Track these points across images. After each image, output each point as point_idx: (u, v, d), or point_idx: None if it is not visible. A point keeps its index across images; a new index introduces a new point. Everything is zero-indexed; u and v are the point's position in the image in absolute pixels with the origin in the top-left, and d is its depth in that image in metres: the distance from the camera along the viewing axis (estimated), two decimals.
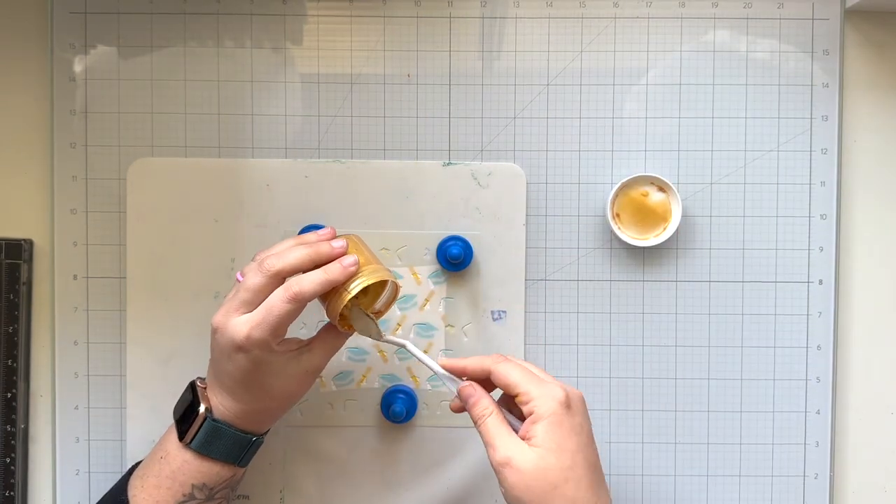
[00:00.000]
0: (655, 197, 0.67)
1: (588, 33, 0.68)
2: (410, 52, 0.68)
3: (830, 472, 0.68)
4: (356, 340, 0.68)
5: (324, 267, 0.57)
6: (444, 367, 0.58)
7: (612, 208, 0.67)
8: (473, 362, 0.57)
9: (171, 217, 0.67)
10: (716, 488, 0.69)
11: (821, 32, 0.68)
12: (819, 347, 0.68)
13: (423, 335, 0.68)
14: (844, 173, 0.69)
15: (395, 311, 0.68)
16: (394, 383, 0.68)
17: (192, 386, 0.60)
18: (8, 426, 0.67)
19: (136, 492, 0.59)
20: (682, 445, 0.69)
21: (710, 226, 0.68)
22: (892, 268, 0.69)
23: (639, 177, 0.67)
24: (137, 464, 0.62)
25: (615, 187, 0.66)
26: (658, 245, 0.67)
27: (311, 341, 0.60)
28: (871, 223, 0.69)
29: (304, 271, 0.57)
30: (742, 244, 0.68)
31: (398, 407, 0.65)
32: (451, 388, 0.58)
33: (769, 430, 0.68)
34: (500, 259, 0.68)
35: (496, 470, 0.53)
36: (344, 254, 0.58)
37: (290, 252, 0.57)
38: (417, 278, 0.68)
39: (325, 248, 0.58)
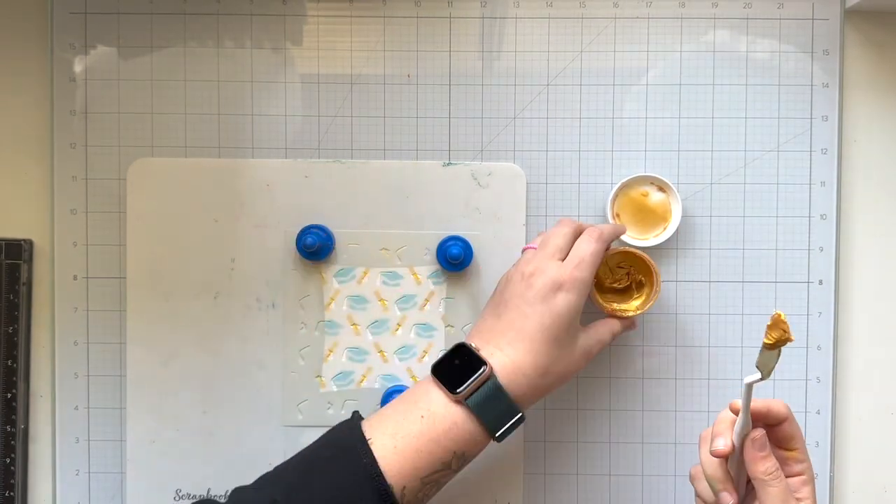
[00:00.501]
0: (655, 197, 0.67)
1: (588, 33, 0.68)
2: (410, 53, 0.68)
3: (830, 472, 0.68)
4: (354, 340, 0.68)
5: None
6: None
7: (612, 208, 0.67)
8: (775, 405, 0.55)
9: (171, 217, 0.67)
10: None
11: (821, 32, 0.68)
12: (819, 347, 0.68)
13: (423, 335, 0.68)
14: (844, 173, 0.69)
15: (395, 311, 0.68)
16: (394, 383, 0.68)
17: (464, 347, 0.58)
18: (8, 426, 0.68)
19: (385, 452, 0.54)
20: (682, 445, 0.68)
21: (710, 226, 0.68)
22: (892, 268, 0.69)
23: (639, 177, 0.67)
24: (356, 415, 0.58)
25: (615, 187, 0.66)
26: (658, 245, 0.67)
27: (598, 324, 0.63)
28: (871, 223, 0.69)
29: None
30: (742, 244, 0.68)
31: None
32: (746, 428, 0.54)
33: None
34: (500, 259, 0.68)
35: None
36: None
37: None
38: (417, 278, 0.68)
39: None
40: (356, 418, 0.58)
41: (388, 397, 0.67)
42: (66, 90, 0.68)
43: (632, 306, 0.65)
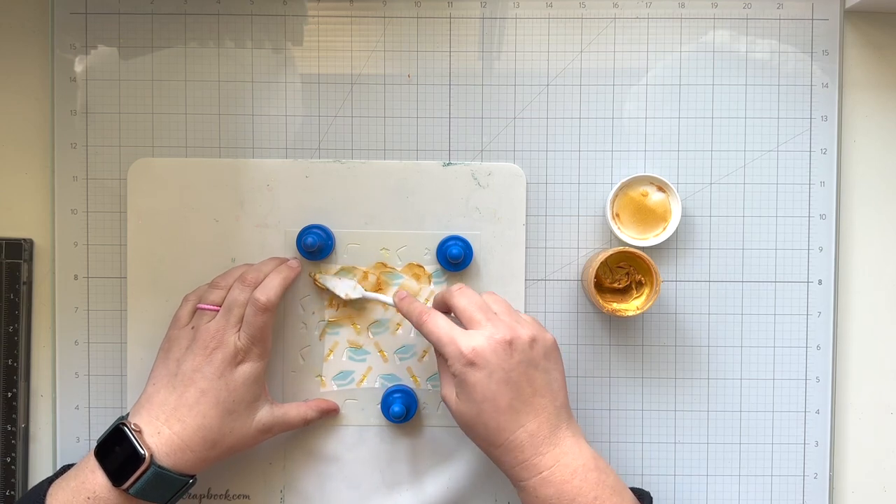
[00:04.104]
0: (655, 197, 0.67)
1: (588, 33, 0.68)
2: (410, 53, 0.68)
3: (830, 471, 0.68)
4: (356, 339, 0.68)
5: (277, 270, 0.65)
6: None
7: (612, 208, 0.67)
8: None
9: (171, 217, 0.68)
10: (716, 488, 0.69)
11: (820, 33, 0.68)
12: (819, 347, 0.68)
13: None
14: (844, 173, 0.69)
15: (395, 311, 0.68)
16: (394, 383, 0.68)
17: (122, 431, 0.58)
18: (8, 426, 0.68)
19: None
20: (682, 445, 0.69)
21: (709, 226, 0.68)
22: (892, 268, 0.69)
23: (638, 177, 0.67)
24: (47, 481, 0.60)
25: (615, 187, 0.66)
26: (658, 245, 0.67)
27: (289, 405, 0.65)
28: (871, 223, 0.69)
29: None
30: (742, 244, 0.68)
31: (398, 407, 0.65)
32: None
33: (769, 430, 0.68)
34: (500, 259, 0.68)
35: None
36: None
37: (264, 265, 0.65)
38: (417, 278, 0.68)
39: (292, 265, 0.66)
40: (45, 484, 0.59)
41: (388, 397, 0.67)
42: (66, 90, 0.68)
43: (631, 306, 0.65)
